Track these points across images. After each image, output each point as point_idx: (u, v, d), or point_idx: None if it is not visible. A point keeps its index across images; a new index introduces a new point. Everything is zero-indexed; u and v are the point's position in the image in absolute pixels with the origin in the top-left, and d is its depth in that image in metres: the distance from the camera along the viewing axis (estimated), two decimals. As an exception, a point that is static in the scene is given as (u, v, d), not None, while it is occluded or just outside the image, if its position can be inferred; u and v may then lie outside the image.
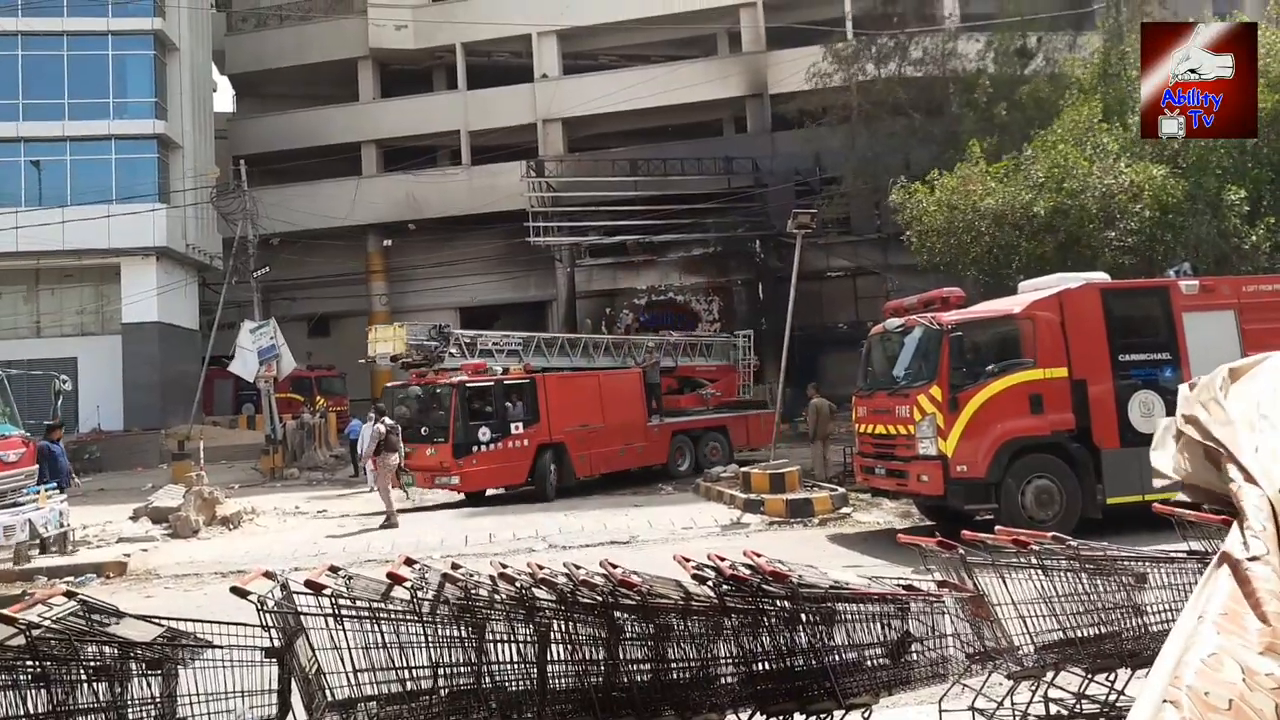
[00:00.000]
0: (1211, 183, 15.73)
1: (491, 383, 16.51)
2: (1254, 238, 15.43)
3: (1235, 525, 2.82)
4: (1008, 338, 10.85)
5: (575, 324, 30.98)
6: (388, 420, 15.17)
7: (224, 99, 41.04)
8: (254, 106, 38.68)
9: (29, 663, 3.52)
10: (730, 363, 23.44)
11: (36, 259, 28.83)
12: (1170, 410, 10.95)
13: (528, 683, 4.08)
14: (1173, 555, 4.10)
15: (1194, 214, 15.66)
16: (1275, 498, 2.94)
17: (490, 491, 17.10)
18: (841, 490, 14.22)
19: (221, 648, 3.93)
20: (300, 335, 32.88)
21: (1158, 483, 3.79)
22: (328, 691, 3.96)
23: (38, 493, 10.62)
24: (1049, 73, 22.87)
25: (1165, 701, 2.30)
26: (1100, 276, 12.05)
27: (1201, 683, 2.30)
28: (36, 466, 11.08)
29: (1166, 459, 3.82)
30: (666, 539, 12.13)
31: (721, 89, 33.85)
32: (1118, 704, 4.06)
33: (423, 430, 16.17)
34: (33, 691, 3.53)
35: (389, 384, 18.42)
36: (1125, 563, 4.12)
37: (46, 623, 3.63)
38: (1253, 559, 2.67)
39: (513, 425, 16.45)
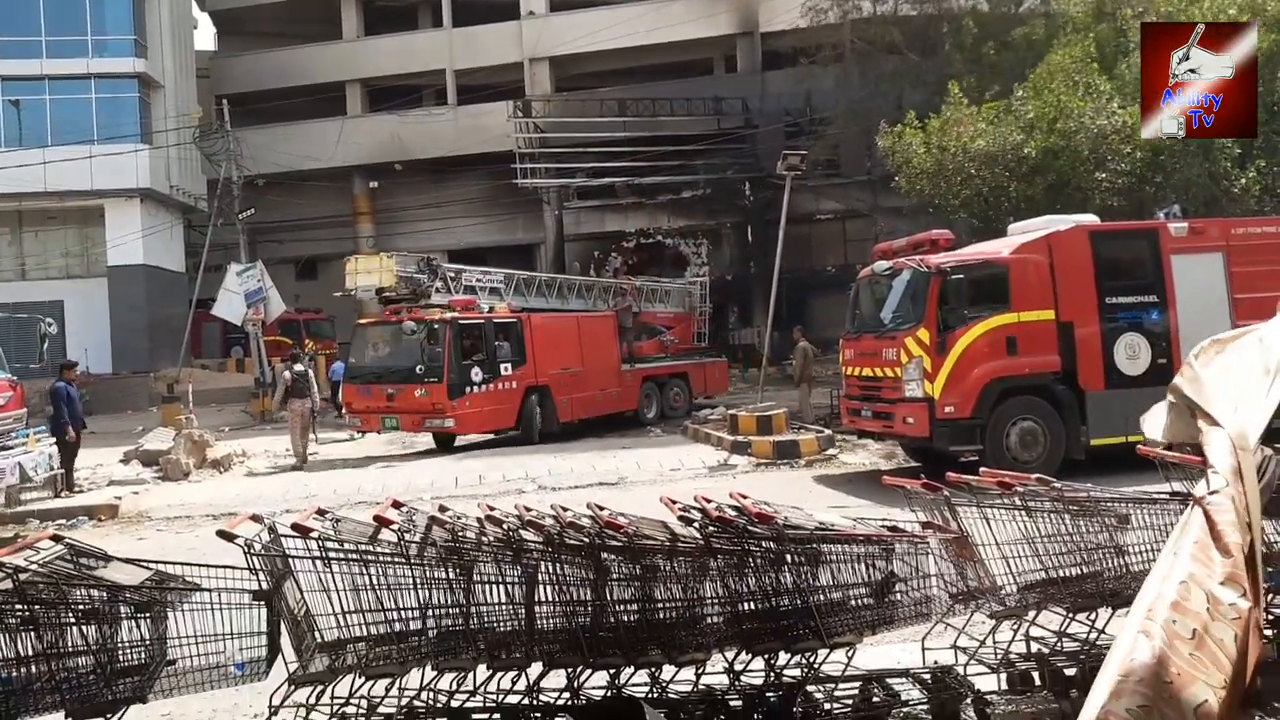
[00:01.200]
0: (1204, 125, 15.60)
1: (482, 320, 15.95)
2: (1244, 181, 15.37)
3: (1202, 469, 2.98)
4: (996, 280, 10.83)
5: (564, 267, 30.78)
6: (297, 366, 15.42)
7: (205, 37, 40.08)
8: (236, 44, 37.79)
9: (17, 607, 3.54)
10: (686, 310, 23.16)
11: (18, 200, 28.39)
12: (1155, 352, 11.07)
13: (516, 623, 4.12)
14: (1155, 496, 4.14)
15: (1185, 156, 15.56)
16: (1235, 437, 3.09)
17: (461, 440, 16.45)
18: (828, 432, 14.33)
19: (209, 590, 3.95)
20: (288, 278, 32.60)
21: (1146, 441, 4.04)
22: (317, 633, 4.00)
23: (27, 436, 10.60)
24: (1044, 11, 22.49)
25: (1139, 633, 2.38)
26: (1089, 219, 12.00)
27: (1171, 613, 2.39)
28: (24, 410, 11.04)
29: (1156, 426, 4.02)
30: (655, 480, 12.23)
31: (711, 27, 33.23)
32: (1098, 642, 4.14)
33: (412, 369, 15.14)
34: (22, 635, 3.55)
35: (361, 321, 17.29)
36: (1108, 504, 4.17)
37: (34, 567, 3.64)
38: (1213, 493, 2.79)
39: (502, 366, 15.95)
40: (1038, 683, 4.31)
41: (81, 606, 3.67)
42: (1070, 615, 4.24)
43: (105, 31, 29.13)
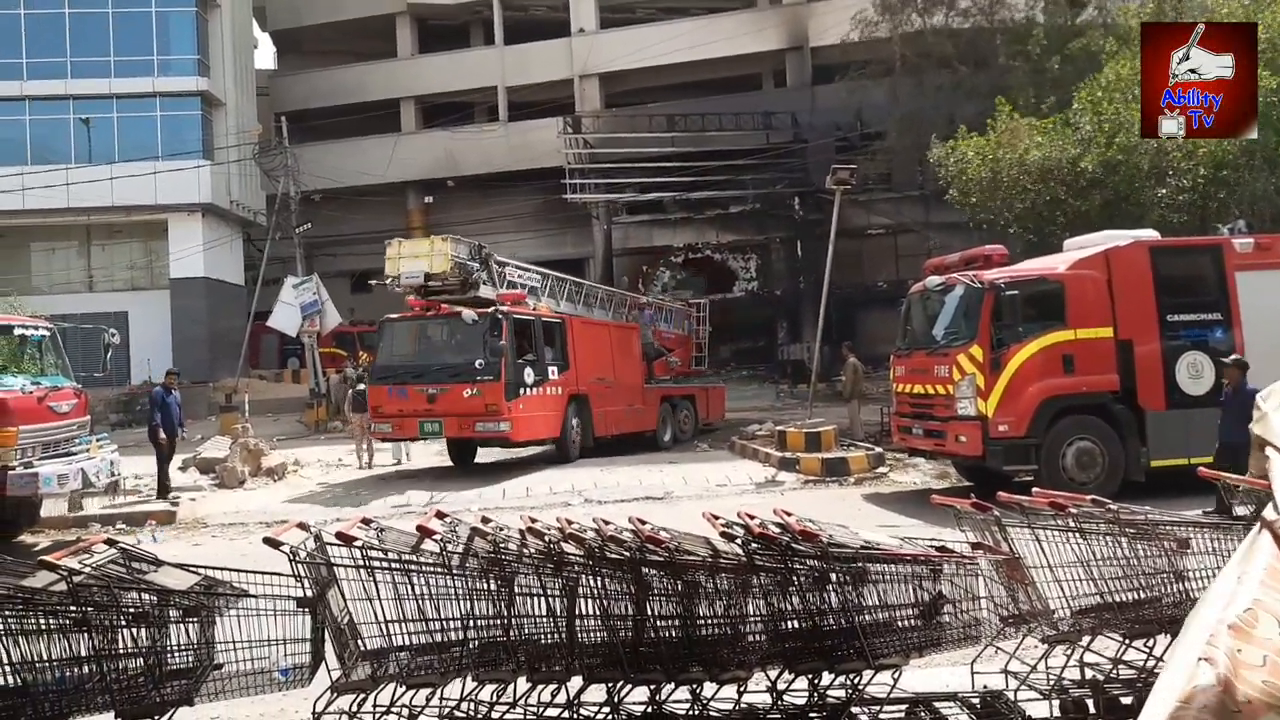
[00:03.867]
0: (1271, 137, 15.11)
1: (533, 318, 14.71)
2: (1314, 195, 14.86)
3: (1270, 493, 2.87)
4: (1051, 296, 10.60)
5: (612, 281, 30.85)
6: (360, 386, 15.17)
7: (265, 55, 41.19)
8: (294, 63, 38.74)
9: (70, 608, 3.62)
10: (686, 333, 22.14)
11: (87, 215, 29.40)
12: (1219, 372, 10.75)
13: (557, 636, 4.11)
14: (1220, 521, 3.99)
15: (1251, 170, 15.08)
16: None
17: (483, 456, 15.61)
18: (878, 450, 14.12)
19: (256, 596, 4.01)
20: (343, 291, 33.21)
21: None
22: (360, 641, 4.03)
23: (90, 442, 10.90)
24: (1101, 22, 22.06)
25: (1201, 659, 2.28)
26: (1149, 234, 11.70)
27: (1236, 640, 2.29)
28: (88, 417, 11.35)
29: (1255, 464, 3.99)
30: (700, 495, 12.15)
31: (760, 42, 33.21)
32: (1155, 670, 3.99)
33: (459, 367, 13.75)
34: (75, 636, 3.64)
35: (391, 316, 15.52)
36: (1167, 527, 4.03)
37: (87, 569, 3.73)
38: (1278, 521, 2.69)
39: (550, 369, 14.66)
40: (1092, 711, 4.17)
41: (132, 610, 3.75)
42: (1127, 641, 4.10)
43: (170, 51, 30.12)
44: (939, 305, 11.57)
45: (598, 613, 4.06)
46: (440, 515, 4.54)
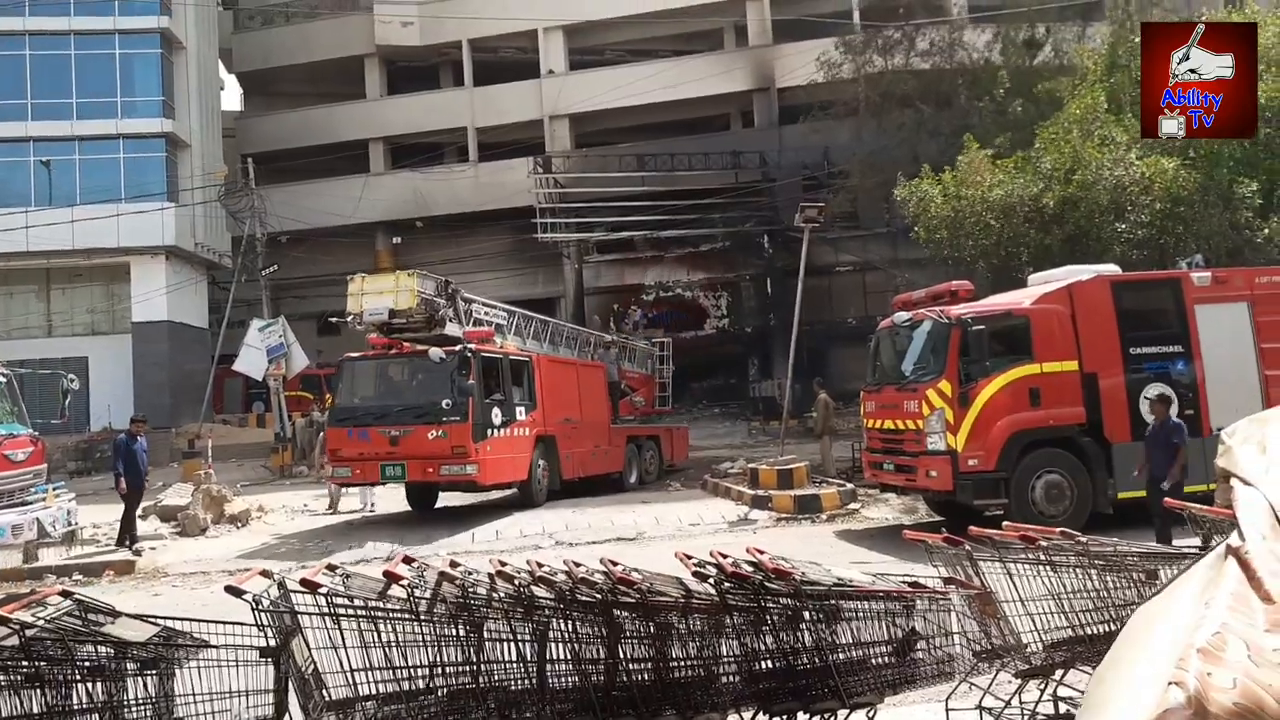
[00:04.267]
0: (1224, 175, 15.57)
1: (500, 356, 14.16)
2: (1266, 230, 15.28)
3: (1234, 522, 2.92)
4: (1017, 331, 10.74)
5: (584, 320, 30.86)
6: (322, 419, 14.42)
7: (232, 97, 41.12)
8: (261, 105, 38.73)
9: (23, 663, 3.49)
10: (649, 372, 21.66)
11: (47, 259, 28.94)
12: (1181, 403, 10.95)
13: (528, 682, 4.03)
14: (1184, 551, 4.02)
15: (1206, 206, 15.50)
16: (1272, 498, 3.05)
17: (444, 501, 15.11)
18: (850, 486, 14.14)
19: (217, 647, 3.90)
20: (310, 334, 32.89)
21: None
22: (325, 691, 3.92)
23: (46, 491, 10.63)
24: (1057, 64, 22.68)
25: (1171, 684, 2.28)
26: (1111, 269, 11.94)
27: (1205, 664, 2.30)
28: (45, 466, 11.08)
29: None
30: (673, 535, 12.08)
31: (728, 83, 33.72)
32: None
33: (424, 407, 13.14)
34: (27, 692, 3.50)
35: (351, 355, 14.70)
36: (1135, 558, 4.05)
37: (41, 622, 3.60)
38: (1245, 545, 2.74)
39: (517, 409, 14.09)
40: (1068, 746, 4.15)
41: (88, 663, 3.62)
42: (1101, 675, 4.09)
43: (134, 93, 29.96)
44: (907, 341, 11.68)
45: (569, 657, 3.99)
46: (407, 560, 4.46)
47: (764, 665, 4.03)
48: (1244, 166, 15.73)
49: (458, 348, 13.18)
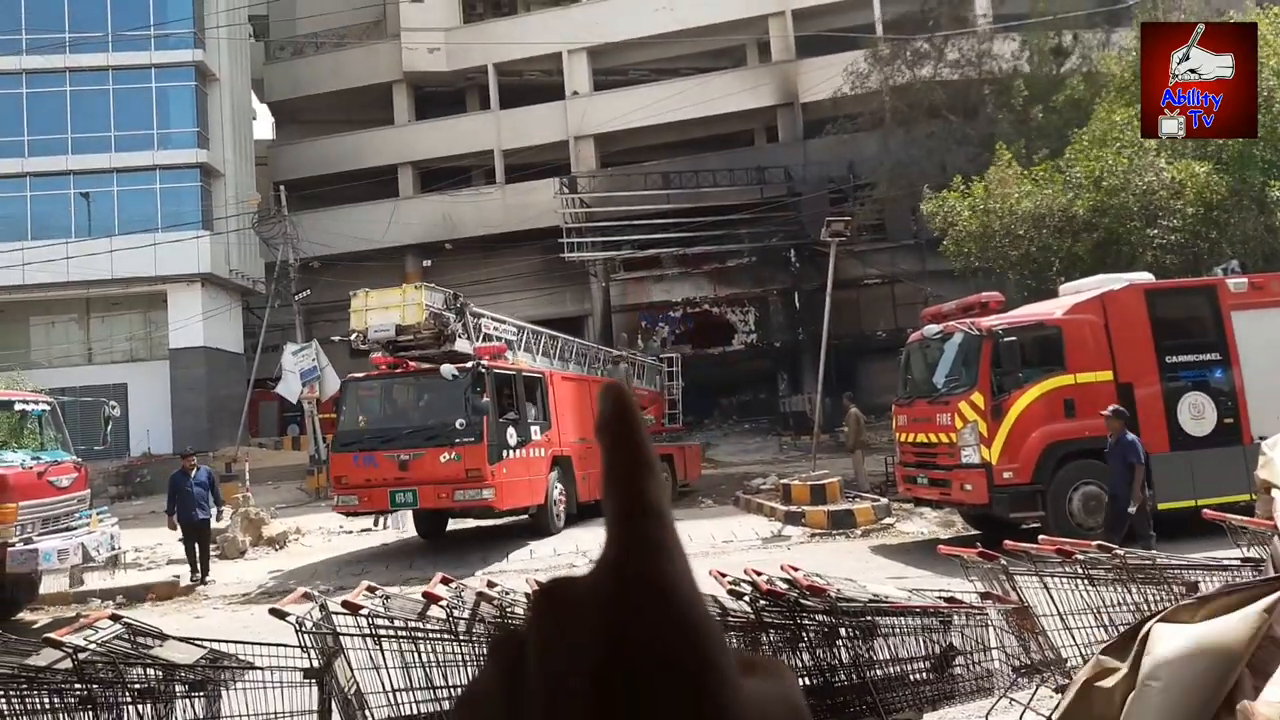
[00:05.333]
0: (1256, 177, 15.37)
1: (514, 373, 13.52)
2: (1303, 233, 15.05)
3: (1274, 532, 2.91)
4: (1050, 341, 10.65)
5: (611, 338, 31.03)
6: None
7: (263, 126, 41.89)
8: (293, 133, 39.40)
9: (76, 686, 3.59)
10: (658, 389, 21.00)
11: (86, 288, 29.56)
12: (1220, 412, 10.83)
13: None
14: (1225, 562, 3.97)
15: (1239, 210, 15.30)
16: None
17: (453, 526, 14.52)
18: (884, 500, 14.04)
19: (262, 669, 3.98)
20: (343, 356, 33.26)
21: None
22: (368, 711, 3.98)
23: (90, 516, 10.85)
24: (1085, 71, 22.53)
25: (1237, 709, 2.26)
26: (1144, 277, 11.81)
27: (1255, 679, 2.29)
28: (88, 491, 11.31)
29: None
30: (706, 553, 12.04)
31: (752, 99, 33.80)
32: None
33: (436, 429, 12.46)
34: (80, 714, 3.60)
35: (355, 376, 14.36)
36: (1175, 570, 4.01)
37: (92, 646, 3.71)
38: None
39: (532, 429, 13.45)
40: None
41: (138, 685, 3.72)
42: (1143, 689, 4.04)
43: (170, 125, 30.60)
44: (938, 354, 11.62)
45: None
46: (445, 581, 4.52)
47: (801, 682, 4.03)
48: (1276, 169, 15.51)
49: (469, 364, 12.55)
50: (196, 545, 12.14)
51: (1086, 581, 4.01)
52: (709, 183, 30.96)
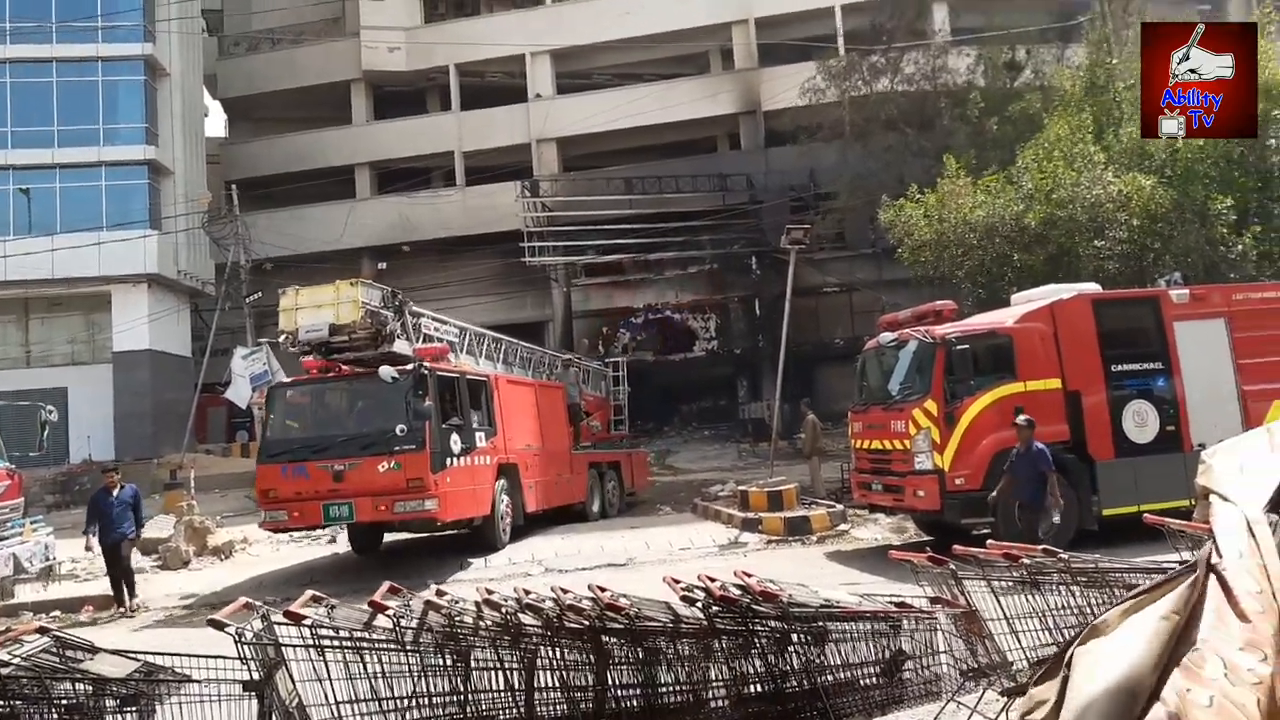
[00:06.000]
0: (1199, 192, 15.77)
1: (457, 376, 12.70)
2: (1241, 246, 15.46)
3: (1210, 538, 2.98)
4: (1001, 350, 10.80)
5: (572, 344, 30.93)
6: None
7: (216, 123, 41.18)
8: (246, 130, 38.75)
9: None
10: (604, 394, 20.48)
11: (25, 288, 28.68)
12: (1163, 419, 11.08)
13: (515, 711, 4.00)
14: (1163, 566, 4.03)
15: (1182, 223, 15.69)
16: (1250, 514, 3.10)
17: (391, 536, 13.79)
18: (839, 507, 14.14)
19: (199, 682, 3.87)
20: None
21: None
22: (309, 724, 3.89)
23: (23, 526, 10.51)
24: (1038, 85, 22.99)
25: (1156, 701, 2.31)
26: (1092, 287, 12.05)
27: (1185, 681, 2.33)
28: (22, 499, 10.93)
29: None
30: (664, 560, 12.03)
31: (715, 106, 33.98)
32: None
33: (374, 436, 11.49)
34: (5, 730, 3.46)
35: (283, 381, 13.60)
36: (1116, 574, 4.07)
37: (17, 660, 3.57)
38: (1223, 561, 2.79)
39: (477, 436, 12.64)
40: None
41: (65, 701, 3.58)
42: (1088, 694, 4.09)
43: (117, 120, 29.81)
44: (893, 361, 11.72)
45: (557, 684, 3.97)
46: (394, 590, 4.43)
47: (752, 689, 4.02)
48: (1218, 184, 15.94)
49: (409, 366, 11.70)
50: (119, 570, 11.10)
51: (1032, 585, 4.06)
52: (671, 188, 31.06)
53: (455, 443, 11.89)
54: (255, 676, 3.81)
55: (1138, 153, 16.70)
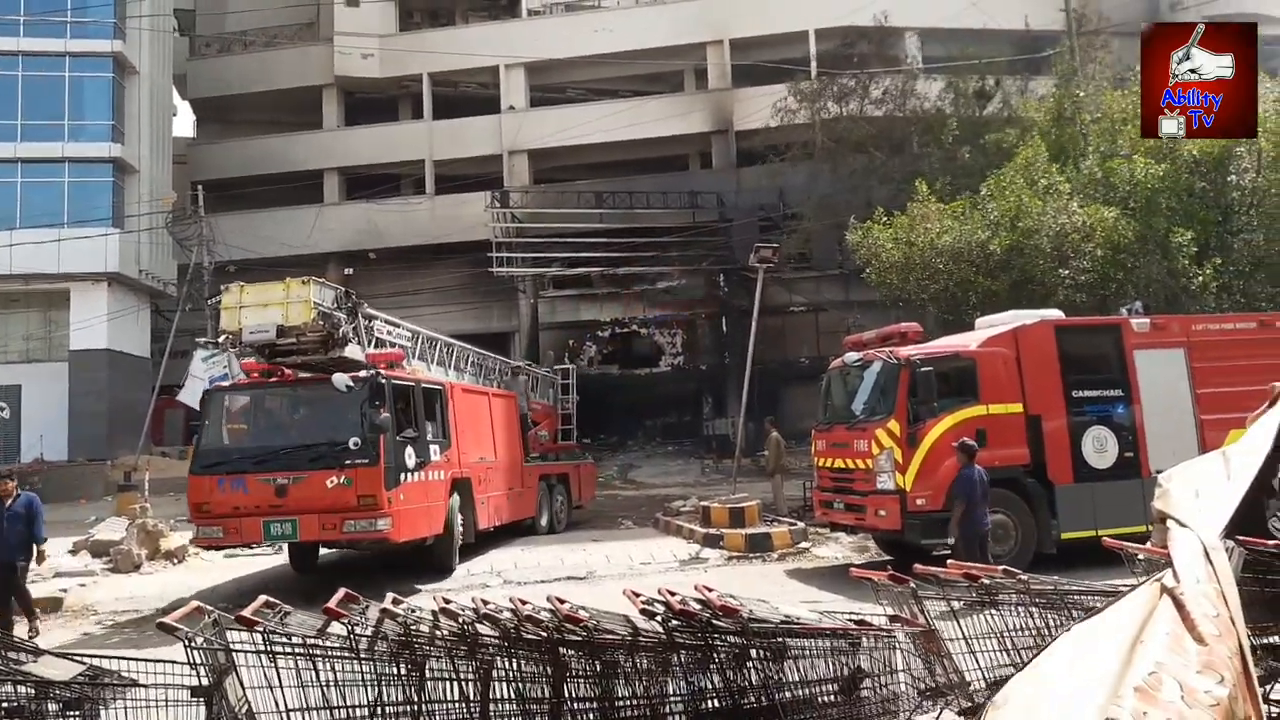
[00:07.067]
0: (1161, 224, 16.13)
1: (414, 384, 11.83)
2: (1201, 278, 15.80)
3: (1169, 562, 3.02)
4: (964, 373, 10.91)
5: (538, 356, 30.83)
6: None
7: (184, 123, 40.66)
8: (215, 132, 38.30)
9: (-65, 704, 3.34)
10: (551, 402, 19.72)
11: (-19, 284, 28.10)
12: (1122, 445, 11.20)
13: (469, 722, 3.94)
14: (1120, 590, 4.08)
15: (1144, 254, 16.03)
16: (1206, 540, 3.16)
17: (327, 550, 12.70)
18: (801, 525, 14.18)
19: (146, 686, 3.77)
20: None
21: None
22: (258, 732, 3.80)
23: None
24: (1006, 115, 23.41)
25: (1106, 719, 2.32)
26: (1055, 314, 12.23)
27: (1140, 703, 2.34)
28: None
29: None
30: (624, 574, 11.97)
31: (687, 125, 34.20)
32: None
33: (323, 448, 10.64)
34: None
35: (220, 385, 12.67)
36: (1075, 596, 4.10)
37: (-46, 662, 3.46)
38: (1180, 585, 2.83)
39: (432, 448, 11.79)
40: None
41: (6, 704, 3.48)
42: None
43: (83, 116, 29.34)
44: (858, 381, 11.81)
45: (512, 696, 3.92)
46: (350, 598, 4.35)
47: (710, 704, 4.00)
48: (1180, 216, 16.31)
49: (363, 374, 10.88)
50: (12, 594, 9.63)
51: (991, 606, 4.09)
52: (642, 204, 31.17)
53: (410, 456, 11.11)
54: (204, 682, 3.72)
55: (1102, 183, 17.05)
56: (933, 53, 31.68)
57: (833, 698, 4.05)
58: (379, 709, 3.88)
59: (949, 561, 4.58)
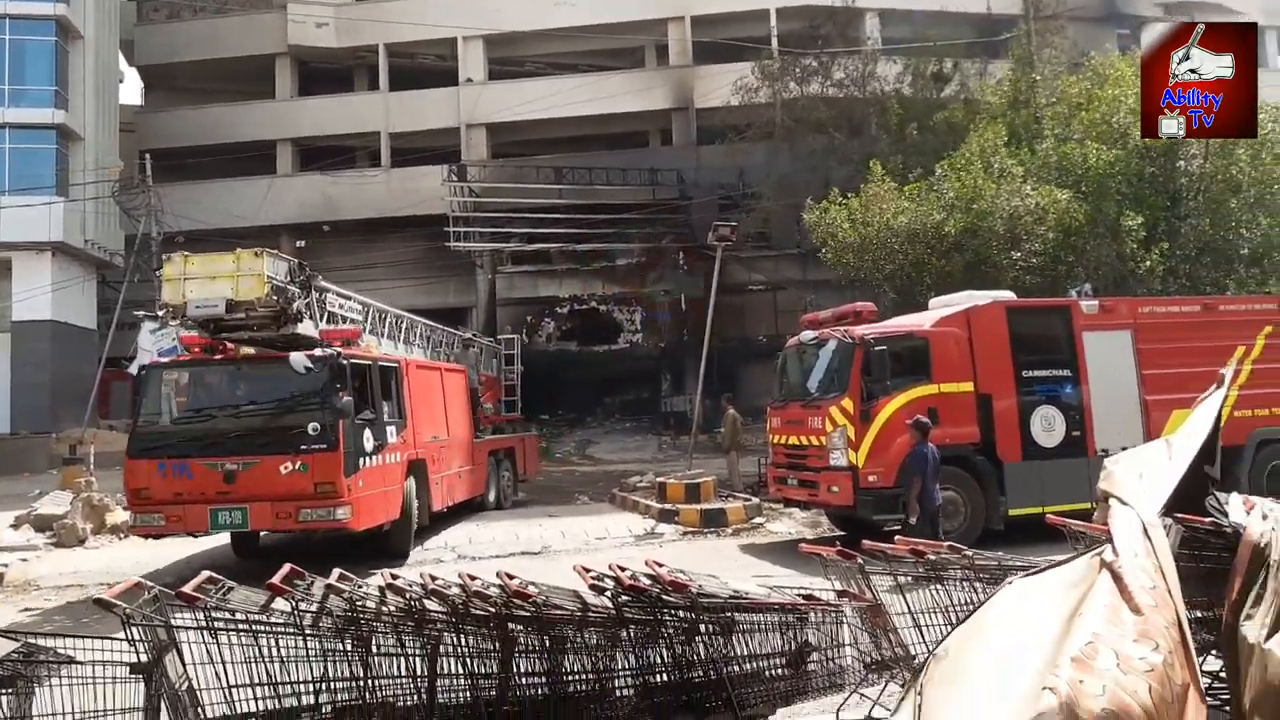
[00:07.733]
0: (1111, 208, 16.41)
1: (371, 362, 11.14)
2: (1149, 262, 16.13)
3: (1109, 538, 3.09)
4: (917, 352, 11.05)
5: (495, 331, 30.58)
6: None
7: (132, 91, 39.48)
8: (164, 100, 37.26)
9: None
10: (495, 373, 19.12)
11: (-83, 251, 27.13)
12: (1069, 425, 11.40)
13: (417, 698, 3.92)
14: (1058, 564, 4.17)
15: (1095, 237, 16.32)
16: (1145, 517, 3.23)
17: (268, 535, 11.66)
18: (755, 500, 14.30)
19: (83, 663, 3.69)
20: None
21: None
22: (200, 709, 3.75)
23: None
24: (963, 98, 23.62)
25: (1044, 689, 2.36)
26: (1007, 295, 12.41)
27: (1077, 671, 2.39)
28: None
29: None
30: (579, 549, 11.99)
31: (648, 101, 33.99)
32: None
33: (280, 431, 10.04)
34: None
35: (160, 361, 12.07)
36: (1018, 573, 4.18)
37: (-121, 638, 3.35)
38: (1119, 559, 2.90)
39: (389, 430, 11.15)
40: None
41: (-67, 683, 3.38)
42: (985, 686, 4.20)
43: (24, 82, 28.41)
44: (813, 359, 11.90)
45: (461, 671, 3.90)
46: (296, 573, 4.29)
47: (659, 678, 4.02)
48: (1130, 201, 16.61)
49: (319, 352, 10.21)
50: None
51: (937, 581, 4.15)
52: (602, 180, 30.97)
53: (368, 440, 10.47)
54: (144, 659, 3.65)
55: (1056, 167, 17.29)
56: (894, 34, 31.79)
57: (780, 671, 4.10)
58: (324, 685, 3.84)
59: (896, 537, 4.64)
